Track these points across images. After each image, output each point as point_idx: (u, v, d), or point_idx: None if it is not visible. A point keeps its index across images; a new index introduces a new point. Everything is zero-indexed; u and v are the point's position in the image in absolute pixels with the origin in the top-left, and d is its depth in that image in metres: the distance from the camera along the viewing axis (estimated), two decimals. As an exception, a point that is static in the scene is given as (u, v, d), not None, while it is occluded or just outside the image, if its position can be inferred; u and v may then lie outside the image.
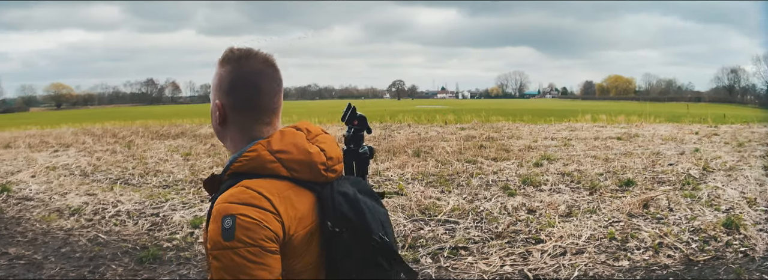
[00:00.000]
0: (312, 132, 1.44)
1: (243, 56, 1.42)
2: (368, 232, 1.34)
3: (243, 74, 1.41)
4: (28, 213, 8.06)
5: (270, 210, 1.23)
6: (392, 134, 15.75)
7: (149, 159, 12.23)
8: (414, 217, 6.29)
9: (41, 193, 9.41)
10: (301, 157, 1.34)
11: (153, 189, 8.72)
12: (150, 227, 6.89)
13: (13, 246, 6.33)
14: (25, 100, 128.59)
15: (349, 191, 1.39)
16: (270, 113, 1.43)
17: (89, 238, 6.48)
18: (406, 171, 9.13)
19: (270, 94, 1.42)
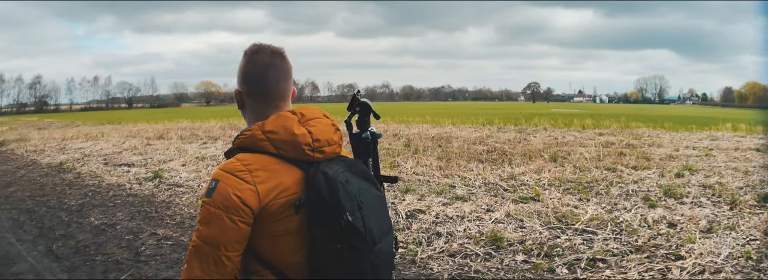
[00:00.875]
0: (306, 116, 1.69)
1: (255, 51, 1.75)
2: (338, 210, 1.54)
3: (253, 66, 1.74)
4: (177, 198, 9.38)
5: (248, 182, 1.54)
6: (527, 138, 16.77)
7: None
8: (550, 224, 6.59)
9: (190, 180, 10.92)
10: (287, 137, 1.61)
11: None
12: None
13: (162, 228, 7.45)
14: (177, 96, 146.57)
15: (331, 171, 1.60)
16: (277, 98, 1.74)
17: None
18: (542, 176, 9.62)
19: (276, 83, 1.73)
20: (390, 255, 1.77)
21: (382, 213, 1.76)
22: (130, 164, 13.73)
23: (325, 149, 1.67)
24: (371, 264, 1.61)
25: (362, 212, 1.59)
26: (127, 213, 8.26)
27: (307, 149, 1.62)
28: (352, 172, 1.69)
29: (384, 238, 1.69)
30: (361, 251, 1.57)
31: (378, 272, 1.65)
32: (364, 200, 1.63)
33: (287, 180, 1.60)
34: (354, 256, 1.57)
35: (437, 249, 5.85)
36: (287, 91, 1.78)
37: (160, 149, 16.70)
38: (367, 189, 1.70)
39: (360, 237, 1.56)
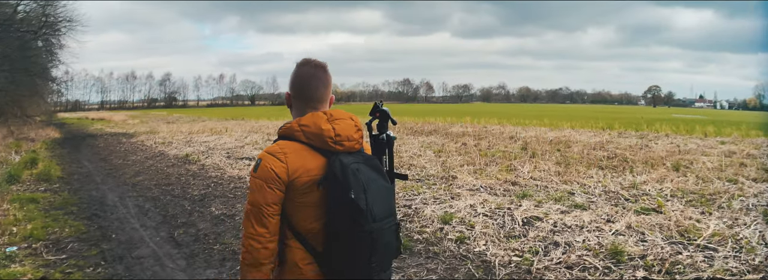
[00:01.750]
0: (334, 116, 2.18)
1: (302, 64, 2.29)
2: (346, 189, 2.03)
3: (299, 76, 2.27)
4: None
5: (282, 161, 2.09)
6: (649, 144, 16.19)
7: (404, 153, 13.09)
8: (672, 239, 6.21)
9: None
10: (316, 131, 2.12)
11: (406, 182, 9.04)
12: (402, 217, 7.68)
13: None
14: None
15: (347, 161, 2.09)
16: (316, 101, 2.25)
17: None
18: (664, 186, 9.15)
19: (315, 89, 2.24)
20: (391, 235, 2.20)
21: (385, 199, 2.18)
22: (251, 157, 14.57)
23: (344, 142, 2.16)
24: (370, 236, 2.07)
25: (367, 194, 2.06)
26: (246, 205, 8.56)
27: (330, 141, 2.13)
28: (366, 164, 2.16)
29: (385, 219, 2.15)
30: (362, 224, 2.04)
31: (375, 245, 2.10)
32: (370, 186, 2.09)
33: (311, 163, 2.13)
34: (355, 228, 2.05)
35: (554, 260, 5.62)
36: (324, 96, 2.30)
37: (277, 144, 17.27)
38: (376, 179, 2.16)
39: (361, 213, 2.04)
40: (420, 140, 18.13)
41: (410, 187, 9.37)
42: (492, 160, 12.49)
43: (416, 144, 16.52)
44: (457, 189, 9.05)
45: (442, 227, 6.86)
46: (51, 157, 16.94)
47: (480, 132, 20.96)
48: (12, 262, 5.89)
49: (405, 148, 15.28)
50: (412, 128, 23.73)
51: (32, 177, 11.85)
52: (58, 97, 56.35)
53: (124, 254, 6.21)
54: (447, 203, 8.01)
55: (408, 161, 12.61)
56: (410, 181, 9.94)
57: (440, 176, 10.44)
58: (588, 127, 23.53)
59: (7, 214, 7.95)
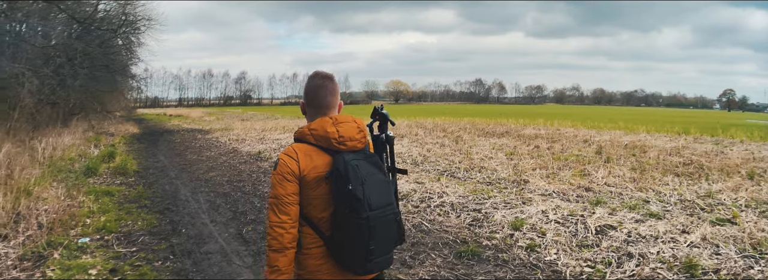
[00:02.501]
0: (338, 120, 2.48)
1: (312, 76, 2.62)
2: (345, 182, 2.33)
3: (310, 87, 2.59)
4: None
5: (295, 159, 2.43)
6: (724, 151, 15.72)
7: (475, 155, 12.99)
8: (745, 252, 5.93)
9: None
10: (322, 133, 2.44)
11: (477, 185, 9.41)
12: (471, 222, 7.42)
13: None
14: (368, 94, 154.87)
15: (349, 158, 2.38)
16: (324, 108, 2.57)
17: (414, 224, 7.41)
18: (739, 195, 8.81)
19: (324, 97, 2.56)
20: (389, 223, 2.48)
21: (383, 190, 2.46)
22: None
23: (347, 142, 2.47)
24: (367, 224, 2.36)
25: (364, 186, 2.37)
26: (315, 204, 8.57)
27: (334, 142, 2.45)
28: (366, 161, 2.47)
29: (382, 208, 2.42)
30: (359, 213, 2.34)
31: (373, 232, 2.38)
32: (368, 179, 2.40)
33: (319, 161, 2.46)
34: (354, 216, 2.34)
35: (628, 272, 5.35)
36: (332, 103, 2.61)
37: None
38: (374, 173, 2.46)
39: (359, 202, 2.34)
40: (491, 141, 17.80)
41: (480, 190, 9.10)
42: (565, 164, 12.14)
43: (487, 146, 16.21)
44: (529, 194, 8.78)
45: (513, 234, 6.64)
46: (128, 151, 17.61)
47: (553, 135, 20.61)
48: (83, 253, 6.02)
49: (476, 150, 15.01)
50: (484, 129, 23.33)
51: (109, 170, 12.29)
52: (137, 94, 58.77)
53: (193, 249, 6.24)
54: (518, 209, 7.74)
55: (479, 163, 12.33)
56: (480, 184, 9.76)
57: (511, 179, 10.17)
58: (663, 132, 22.93)
59: (82, 206, 8.22)
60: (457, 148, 15.66)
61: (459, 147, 15.86)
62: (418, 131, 21.87)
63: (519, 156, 13.47)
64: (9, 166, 9.68)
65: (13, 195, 7.75)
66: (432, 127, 24.33)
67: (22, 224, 6.92)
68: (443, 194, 8.84)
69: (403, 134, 20.60)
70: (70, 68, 19.53)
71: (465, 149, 15.13)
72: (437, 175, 10.91)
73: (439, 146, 16.11)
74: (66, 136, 17.81)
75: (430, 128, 23.84)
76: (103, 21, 22.12)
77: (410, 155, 14.03)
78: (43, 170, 10.49)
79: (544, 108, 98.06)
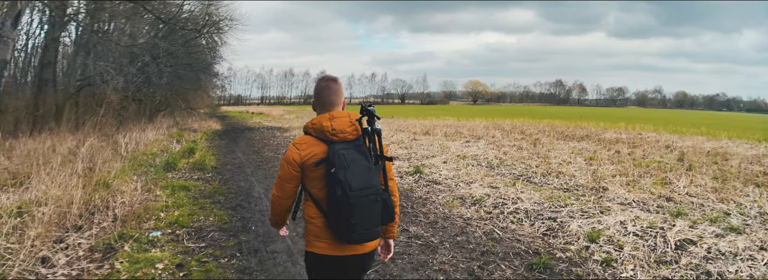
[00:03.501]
0: (334, 116, 2.94)
1: (320, 79, 3.14)
2: (330, 166, 2.79)
3: (317, 88, 3.10)
4: (434, 196, 9.28)
5: (297, 149, 2.94)
6: None
7: (553, 159, 12.52)
8: None
9: (449, 179, 10.80)
10: (319, 127, 2.92)
11: (553, 191, 9.02)
12: (545, 231, 7.04)
13: (415, 225, 7.43)
14: (446, 94, 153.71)
15: (338, 147, 2.83)
16: (329, 105, 3.04)
17: (485, 231, 7.08)
18: None
19: (328, 97, 3.04)
20: (370, 203, 2.81)
21: (364, 175, 2.79)
22: (395, 156, 14.29)
23: (339, 134, 2.86)
24: (348, 202, 2.73)
25: (347, 171, 2.74)
26: (384, 206, 8.42)
27: (329, 134, 2.86)
28: (354, 149, 2.83)
29: (362, 189, 2.76)
30: (344, 193, 2.72)
31: (353, 210, 2.75)
32: (351, 165, 2.77)
33: (317, 150, 2.88)
34: (338, 194, 2.74)
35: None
36: (336, 102, 3.05)
37: (424, 144, 17.25)
38: (358, 160, 2.81)
39: (340, 184, 2.72)
40: (570, 145, 17.05)
41: (557, 197, 8.65)
42: (646, 171, 11.39)
43: (566, 150, 15.49)
44: (607, 202, 8.25)
45: (588, 246, 6.21)
46: (208, 147, 18.09)
47: (634, 139, 19.67)
48: (153, 247, 6.12)
49: (554, 154, 14.32)
50: (563, 133, 22.49)
51: (188, 166, 12.63)
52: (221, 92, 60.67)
53: (260, 247, 6.21)
54: (595, 218, 7.28)
55: (556, 167, 11.75)
56: (557, 191, 9.31)
57: (590, 186, 9.60)
58: (744, 138, 21.92)
59: (158, 200, 8.45)
60: (534, 151, 15.05)
61: (537, 150, 15.23)
62: (495, 133, 21.22)
63: (598, 161, 12.78)
64: (91, 159, 10.02)
65: (92, 187, 7.99)
66: (510, 129, 23.67)
67: (97, 215, 7.11)
68: (518, 200, 8.47)
69: (480, 136, 20.13)
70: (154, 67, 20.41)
71: (543, 153, 14.50)
72: (513, 179, 10.50)
73: (516, 149, 15.55)
74: (150, 131, 18.53)
75: (508, 130, 23.16)
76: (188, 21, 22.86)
77: (486, 157, 13.60)
78: (124, 163, 10.86)
79: (625, 111, 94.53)
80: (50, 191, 7.36)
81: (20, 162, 9.41)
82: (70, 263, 5.51)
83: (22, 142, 11.80)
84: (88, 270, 5.32)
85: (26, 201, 6.88)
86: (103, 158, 10.43)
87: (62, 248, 5.90)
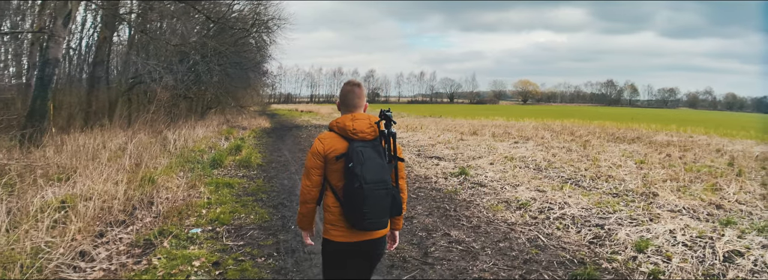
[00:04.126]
0: (356, 117, 3.24)
1: (346, 83, 3.50)
2: (349, 161, 3.11)
3: (342, 91, 3.46)
4: (479, 199, 8.99)
5: (322, 143, 3.24)
6: None
7: (602, 162, 11.99)
8: None
9: (495, 181, 10.48)
10: (342, 126, 3.23)
11: (602, 196, 8.65)
12: (592, 238, 6.66)
13: (456, 229, 7.16)
14: (495, 93, 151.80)
15: (357, 145, 3.13)
16: (352, 107, 3.38)
17: (529, 237, 6.77)
18: None
19: (351, 100, 3.38)
20: (380, 196, 3.09)
21: (377, 171, 3.07)
22: (441, 157, 14.18)
23: (359, 134, 3.15)
24: (363, 194, 3.03)
25: (363, 166, 3.04)
26: (426, 207, 8.28)
27: (350, 133, 3.16)
28: (371, 148, 3.12)
29: (375, 183, 3.05)
30: (360, 185, 3.03)
31: (366, 200, 3.04)
32: (366, 162, 3.06)
33: (338, 145, 3.18)
34: (354, 186, 3.05)
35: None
36: (358, 104, 3.35)
37: (471, 144, 16.91)
38: (374, 158, 3.10)
39: (356, 177, 3.04)
40: (621, 147, 16.32)
41: (605, 203, 8.21)
42: (697, 176, 10.75)
43: (617, 153, 14.79)
44: (657, 209, 7.77)
45: (636, 256, 5.84)
46: (256, 145, 18.26)
47: (685, 142, 18.82)
48: (192, 244, 6.11)
49: (604, 156, 13.72)
50: (614, 134, 21.69)
51: (234, 163, 12.73)
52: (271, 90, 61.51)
53: (298, 247, 6.08)
54: (644, 226, 6.86)
55: (606, 171, 11.23)
56: (606, 196, 8.86)
57: (640, 191, 9.10)
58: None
59: (201, 196, 8.48)
60: (584, 153, 14.46)
61: (587, 153, 14.63)
62: (544, 134, 20.57)
63: (649, 165, 12.21)
64: (139, 155, 10.14)
65: (137, 183, 8.05)
66: (559, 130, 23.01)
67: (141, 211, 7.15)
68: (564, 205, 8.10)
69: (528, 137, 19.50)
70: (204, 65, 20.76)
71: (593, 155, 13.88)
72: (561, 183, 10.08)
73: (565, 151, 14.98)
74: (199, 128, 18.80)
75: (558, 131, 22.51)
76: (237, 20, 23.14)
77: (534, 159, 13.14)
78: (171, 160, 10.96)
79: (677, 113, 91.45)
80: (96, 186, 7.45)
81: (69, 157, 9.59)
82: (110, 258, 5.55)
83: (73, 137, 12.09)
84: (126, 265, 5.33)
85: (71, 195, 6.97)
86: (150, 154, 10.56)
87: (103, 242, 5.94)
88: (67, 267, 5.08)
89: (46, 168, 8.86)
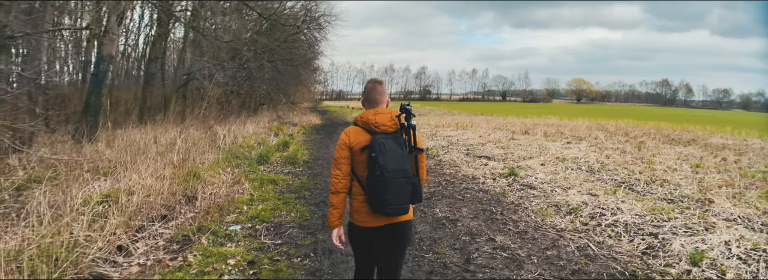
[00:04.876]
0: (378, 112, 3.48)
1: (369, 80, 3.77)
2: (372, 152, 3.31)
3: (366, 88, 3.71)
4: (527, 202, 8.55)
5: (348, 136, 3.52)
6: None
7: (657, 165, 11.24)
8: None
9: (545, 183, 9.95)
10: (365, 120, 3.50)
11: (656, 202, 8.09)
12: (645, 248, 6.14)
13: (502, 234, 6.76)
14: (549, 92, 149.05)
15: (380, 137, 3.35)
16: (375, 103, 3.63)
17: (579, 245, 6.30)
18: None
19: (374, 97, 3.63)
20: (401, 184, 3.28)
21: (398, 161, 3.27)
22: (490, 156, 13.72)
23: (381, 127, 3.39)
24: (385, 182, 3.24)
25: (385, 156, 3.25)
26: (472, 210, 7.90)
27: (373, 126, 3.40)
28: (392, 140, 3.35)
29: (396, 172, 3.25)
30: (380, 173, 3.24)
31: (387, 187, 3.24)
32: (387, 152, 3.27)
33: (362, 138, 3.44)
34: (377, 175, 3.26)
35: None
36: (380, 100, 3.61)
37: (522, 144, 16.28)
38: (395, 149, 3.31)
39: (378, 166, 3.24)
40: (676, 150, 15.44)
41: (659, 209, 7.57)
42: (751, 182, 9.93)
43: (672, 155, 13.86)
44: (713, 218, 7.10)
45: (690, 270, 5.34)
46: (304, 141, 18.24)
47: (740, 146, 17.66)
48: (229, 241, 5.99)
49: (659, 159, 12.87)
50: (669, 136, 20.51)
51: (281, 159, 12.67)
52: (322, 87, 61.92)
53: (335, 248, 5.78)
54: (699, 236, 6.26)
55: (661, 175, 10.48)
56: (661, 201, 8.19)
57: (695, 198, 8.38)
58: None
59: (244, 192, 8.39)
60: (638, 156, 13.61)
61: (641, 155, 13.78)
62: (598, 134, 19.70)
63: (705, 169, 11.48)
64: (187, 150, 10.12)
65: (182, 178, 7.99)
66: (614, 131, 22.01)
67: (183, 206, 7.07)
68: (617, 211, 7.53)
69: (582, 137, 18.70)
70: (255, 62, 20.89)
71: (647, 158, 13.12)
72: (614, 186, 9.44)
73: (619, 153, 14.18)
74: (250, 124, 18.92)
75: (612, 132, 21.55)
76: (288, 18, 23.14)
77: (586, 160, 12.47)
78: (219, 155, 10.93)
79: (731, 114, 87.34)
80: (141, 181, 7.42)
81: (119, 151, 9.65)
82: (148, 253, 5.48)
83: (127, 132, 12.27)
84: (161, 261, 5.25)
85: (116, 190, 6.94)
86: (199, 150, 10.55)
87: (143, 237, 5.89)
88: (103, 262, 5.01)
89: (97, 162, 8.95)
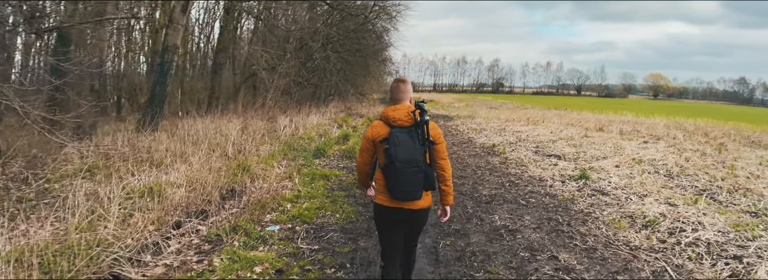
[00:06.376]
0: (396, 108, 3.74)
1: (394, 79, 4.13)
2: (386, 143, 3.62)
3: (391, 86, 4.06)
4: (598, 211, 7.38)
5: (373, 130, 3.80)
6: None
7: (739, 171, 9.70)
8: None
9: (619, 188, 8.69)
10: (385, 116, 3.79)
11: (740, 215, 6.96)
12: (729, 275, 4.97)
13: (567, 251, 5.71)
14: (625, 87, 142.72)
15: (395, 131, 3.61)
16: (398, 100, 3.88)
17: (655, 269, 5.17)
18: None
19: (395, 93, 3.91)
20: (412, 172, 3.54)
21: (410, 152, 3.54)
22: (560, 156, 12.49)
23: (397, 122, 3.64)
24: (397, 171, 3.53)
25: (397, 148, 3.53)
26: (535, 218, 6.92)
27: (390, 120, 3.66)
28: (406, 133, 3.59)
29: (406, 162, 3.51)
30: (393, 163, 3.53)
31: (401, 176, 3.53)
32: (400, 145, 3.54)
33: (383, 131, 3.68)
34: (390, 164, 3.55)
35: None
36: (403, 97, 3.84)
37: (596, 142, 14.80)
38: (407, 141, 3.56)
39: (390, 156, 3.53)
40: (758, 154, 13.50)
41: (743, 225, 6.31)
42: None
43: (754, 160, 11.93)
44: None
45: None
46: (367, 134, 17.26)
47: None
48: (263, 243, 5.46)
49: (741, 164, 11.05)
50: (749, 137, 18.50)
51: (338, 152, 12.14)
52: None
53: (375, 260, 5.11)
54: None
55: (744, 182, 9.00)
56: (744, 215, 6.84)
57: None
58: None
59: (292, 188, 7.85)
60: (719, 159, 11.83)
61: (722, 158, 12.10)
62: (676, 134, 17.84)
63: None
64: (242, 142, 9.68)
65: (231, 171, 7.52)
66: (693, 130, 19.87)
67: (225, 202, 6.62)
68: (698, 226, 6.30)
69: (659, 136, 16.93)
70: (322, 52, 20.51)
71: (729, 162, 11.56)
72: (694, 195, 8.10)
73: (699, 155, 12.40)
74: (314, 115, 18.47)
75: (691, 131, 19.42)
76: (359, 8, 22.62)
77: (664, 163, 10.90)
78: (276, 147, 10.47)
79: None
80: (189, 173, 7.01)
81: (179, 141, 9.32)
82: (179, 251, 5.04)
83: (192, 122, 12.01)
84: (186, 263, 4.76)
85: (160, 183, 6.55)
86: (256, 141, 10.11)
87: (178, 234, 5.47)
88: (127, 261, 4.53)
89: (153, 153, 8.64)
